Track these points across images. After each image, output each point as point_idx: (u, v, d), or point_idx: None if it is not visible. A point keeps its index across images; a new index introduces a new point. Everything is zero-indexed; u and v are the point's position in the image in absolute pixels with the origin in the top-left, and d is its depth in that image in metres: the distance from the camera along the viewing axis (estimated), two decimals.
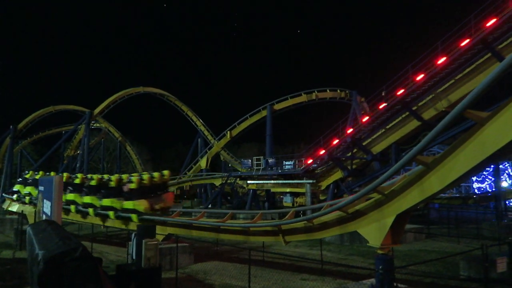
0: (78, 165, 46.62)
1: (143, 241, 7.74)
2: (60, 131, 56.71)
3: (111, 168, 69.83)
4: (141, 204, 15.11)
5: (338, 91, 38.96)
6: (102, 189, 16.54)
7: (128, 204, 15.47)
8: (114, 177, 16.77)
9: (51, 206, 10.19)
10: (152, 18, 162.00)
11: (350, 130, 23.41)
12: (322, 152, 24.37)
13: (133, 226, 15.18)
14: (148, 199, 15.36)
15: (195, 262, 14.07)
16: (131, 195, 15.50)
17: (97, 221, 17.16)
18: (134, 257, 8.08)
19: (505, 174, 47.07)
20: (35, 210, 14.86)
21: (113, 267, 10.76)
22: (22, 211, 20.16)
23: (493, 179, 40.63)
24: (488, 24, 16.21)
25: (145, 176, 16.06)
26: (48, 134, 58.45)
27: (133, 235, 8.55)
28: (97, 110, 48.86)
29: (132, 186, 15.55)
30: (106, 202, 16.12)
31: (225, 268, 13.11)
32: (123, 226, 16.26)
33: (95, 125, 56.20)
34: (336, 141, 23.83)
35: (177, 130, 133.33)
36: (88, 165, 47.06)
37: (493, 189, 37.20)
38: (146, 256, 7.60)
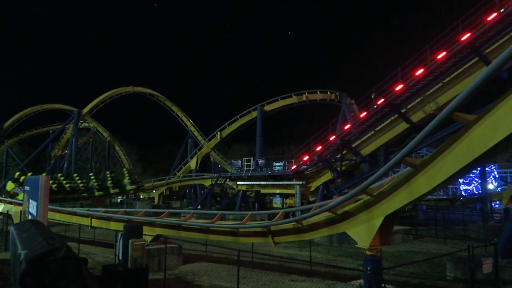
0: (65, 165, 45.98)
1: (130, 241, 7.63)
2: (48, 130, 55.90)
3: (99, 168, 69.07)
4: None
5: (328, 93, 39.13)
6: None
7: None
8: None
9: (36, 206, 10.02)
10: (143, 18, 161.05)
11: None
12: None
13: (114, 226, 15.45)
14: None
15: (183, 263, 13.96)
16: None
17: (84, 221, 16.98)
18: (120, 258, 7.96)
19: (491, 177, 47.77)
20: (21, 210, 14.70)
21: (100, 268, 10.61)
22: (8, 211, 19.86)
23: (479, 181, 41.22)
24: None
25: None
26: (35, 134, 57.60)
27: (119, 235, 8.43)
28: (85, 110, 48.32)
29: None
30: None
31: (214, 269, 13.03)
32: (108, 227, 16.10)
33: (83, 124, 55.48)
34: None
35: (167, 130, 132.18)
36: (75, 165, 46.46)
37: (480, 191, 37.71)
38: (132, 256, 7.49)
